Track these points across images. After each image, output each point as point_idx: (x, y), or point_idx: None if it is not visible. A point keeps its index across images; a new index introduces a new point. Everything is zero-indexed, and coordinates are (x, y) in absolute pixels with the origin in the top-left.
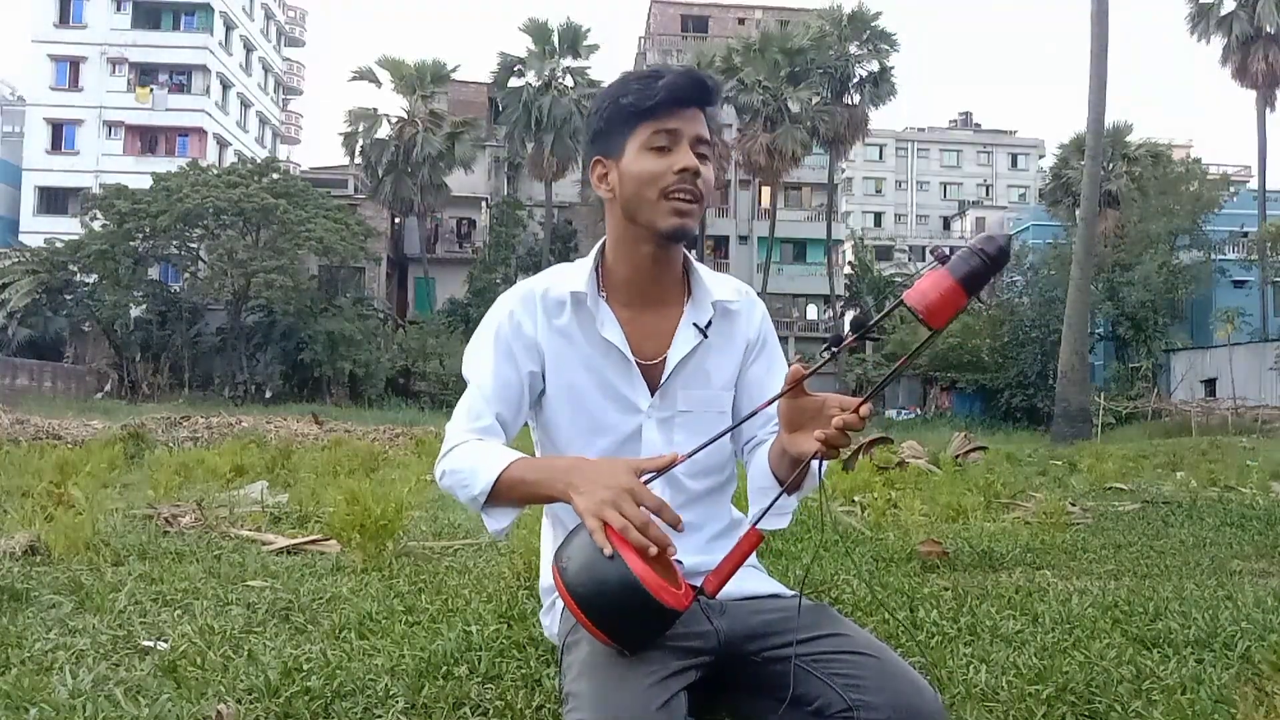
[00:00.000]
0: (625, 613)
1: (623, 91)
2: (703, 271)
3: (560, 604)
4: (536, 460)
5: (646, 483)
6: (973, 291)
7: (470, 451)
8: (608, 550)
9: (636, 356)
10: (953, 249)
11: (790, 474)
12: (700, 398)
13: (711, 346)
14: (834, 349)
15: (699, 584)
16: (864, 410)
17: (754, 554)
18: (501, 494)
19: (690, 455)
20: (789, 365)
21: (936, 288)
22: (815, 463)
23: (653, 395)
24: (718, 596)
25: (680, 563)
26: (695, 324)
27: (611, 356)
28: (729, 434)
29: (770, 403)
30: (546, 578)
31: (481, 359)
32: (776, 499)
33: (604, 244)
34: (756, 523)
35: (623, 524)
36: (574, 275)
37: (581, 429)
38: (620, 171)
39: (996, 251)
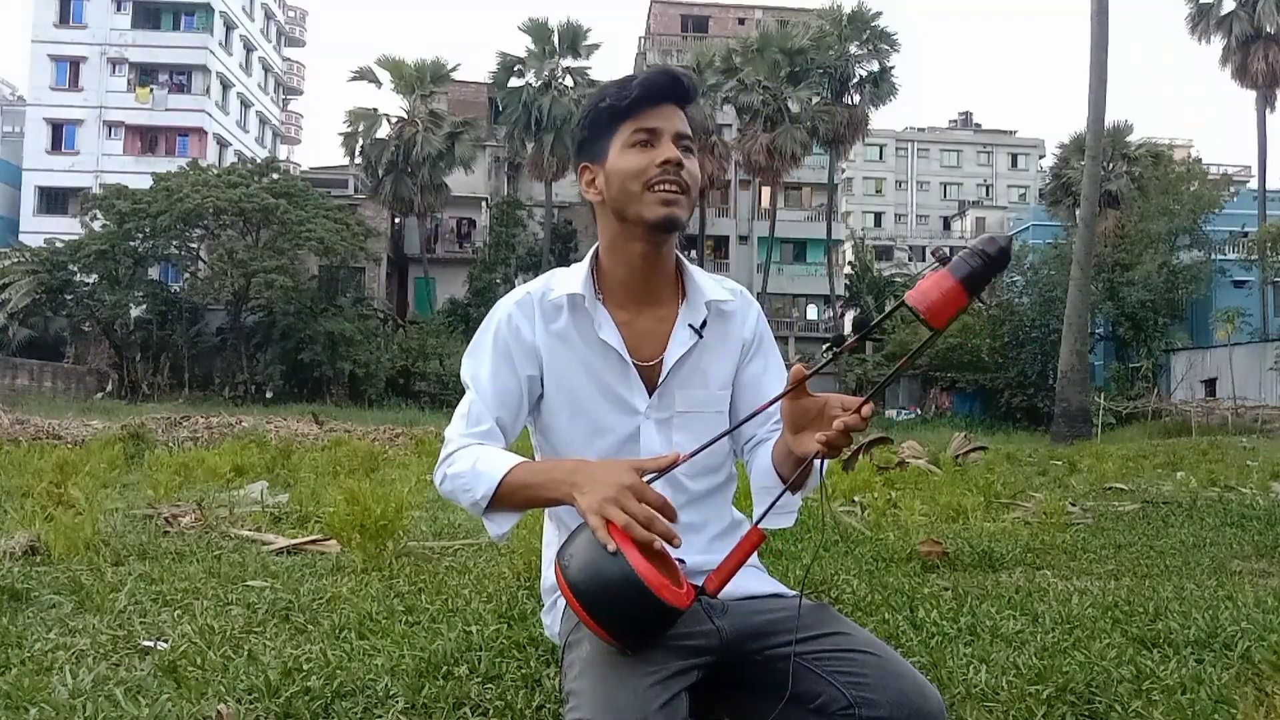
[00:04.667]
0: (627, 610)
1: (601, 97)
2: (696, 273)
3: (561, 603)
4: (538, 464)
5: (648, 483)
6: (974, 292)
7: (471, 456)
8: (611, 546)
9: (633, 358)
10: (954, 250)
11: (794, 473)
12: (698, 398)
13: (707, 347)
14: (836, 349)
15: (700, 584)
16: (865, 411)
17: (755, 554)
18: (504, 498)
19: (691, 455)
20: (789, 365)
21: (937, 288)
22: (818, 461)
23: (650, 396)
24: (719, 596)
25: (682, 562)
26: (690, 325)
27: (609, 358)
28: (729, 434)
29: (771, 403)
30: (548, 578)
31: (480, 363)
32: (779, 497)
33: (598, 248)
34: (759, 521)
35: (625, 520)
36: (570, 278)
37: (580, 431)
38: (606, 172)
39: (997, 252)
